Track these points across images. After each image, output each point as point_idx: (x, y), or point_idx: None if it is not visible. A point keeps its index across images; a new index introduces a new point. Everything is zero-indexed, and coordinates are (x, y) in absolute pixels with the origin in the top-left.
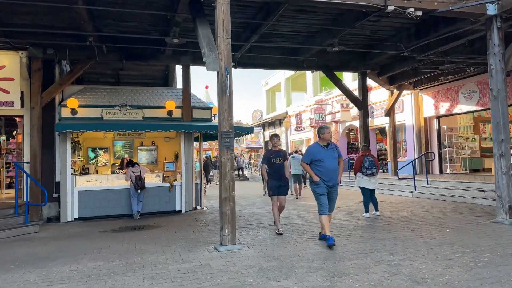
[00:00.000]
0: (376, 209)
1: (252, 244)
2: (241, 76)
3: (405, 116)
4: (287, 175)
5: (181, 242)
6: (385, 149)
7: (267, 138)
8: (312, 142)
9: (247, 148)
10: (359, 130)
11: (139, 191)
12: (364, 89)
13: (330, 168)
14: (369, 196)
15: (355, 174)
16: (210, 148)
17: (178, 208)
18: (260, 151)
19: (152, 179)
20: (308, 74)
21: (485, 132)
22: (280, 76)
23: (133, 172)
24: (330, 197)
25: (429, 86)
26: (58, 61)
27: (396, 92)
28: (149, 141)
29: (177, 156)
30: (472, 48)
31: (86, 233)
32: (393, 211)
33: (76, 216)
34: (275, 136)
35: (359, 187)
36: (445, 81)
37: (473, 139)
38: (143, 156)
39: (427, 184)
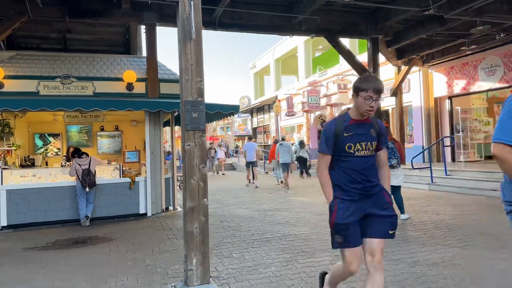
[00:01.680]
0: (402, 211)
1: (237, 278)
2: (226, 57)
3: (412, 97)
4: None
5: (127, 273)
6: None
7: (255, 125)
8: (304, 127)
9: (235, 136)
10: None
11: (87, 189)
12: (375, 60)
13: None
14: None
15: None
16: None
17: (142, 211)
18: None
19: (107, 174)
20: (300, 54)
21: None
22: (269, 57)
23: (79, 165)
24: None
25: (441, 61)
26: None
27: (404, 68)
28: (111, 126)
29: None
30: (510, 6)
31: (2, 251)
32: (419, 212)
33: (4, 223)
34: None
35: None
36: (461, 55)
37: (487, 123)
38: (104, 144)
39: (446, 174)
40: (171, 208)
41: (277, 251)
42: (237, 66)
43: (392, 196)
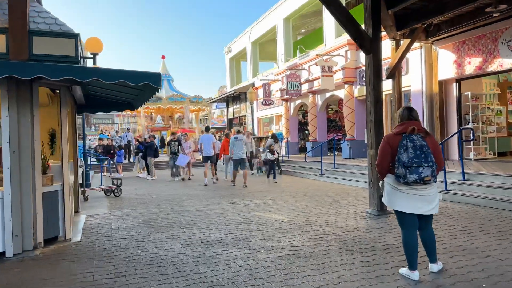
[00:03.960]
0: (433, 259)
1: None
2: (203, 42)
3: (411, 80)
4: None
5: None
6: None
7: (231, 116)
8: (283, 118)
9: (212, 127)
10: (367, 96)
11: None
12: (375, 14)
13: None
14: (414, 233)
15: None
16: (165, 128)
17: None
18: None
19: None
20: (279, 35)
21: None
22: (246, 40)
23: None
24: None
25: (450, 35)
26: None
27: (405, 41)
28: None
29: (53, 137)
30: None
31: None
32: (451, 250)
33: None
34: None
35: (394, 211)
36: (477, 25)
37: (498, 112)
38: None
39: (463, 179)
40: (61, 236)
41: None
42: (214, 53)
43: None
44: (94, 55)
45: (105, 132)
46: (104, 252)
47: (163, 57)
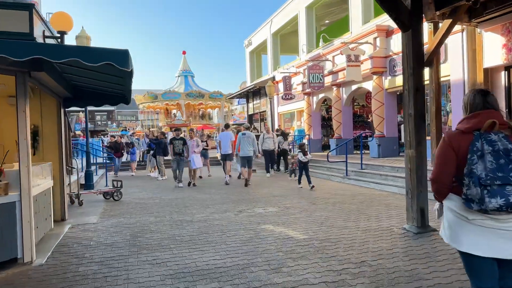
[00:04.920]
0: None
1: None
2: (226, 36)
3: (451, 69)
4: None
5: None
6: None
7: (251, 111)
8: (305, 114)
9: (234, 123)
10: (404, 84)
11: None
12: None
13: None
14: None
15: None
16: (185, 125)
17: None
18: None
19: None
20: (301, 23)
21: None
22: (266, 31)
23: None
24: None
25: (499, 14)
26: None
27: (445, 23)
28: None
29: (35, 135)
30: None
31: None
32: None
33: None
34: None
35: (460, 252)
36: None
37: None
38: None
39: None
40: (20, 259)
41: None
42: (235, 48)
43: None
44: (62, 34)
45: (128, 129)
46: (62, 284)
47: (183, 53)
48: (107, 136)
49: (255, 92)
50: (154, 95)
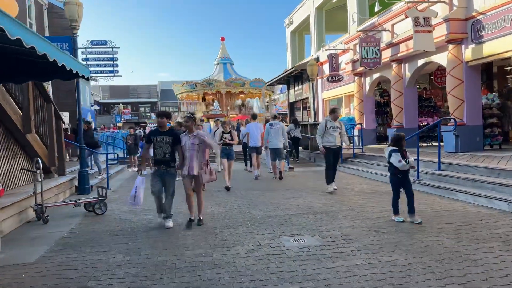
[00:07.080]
0: None
1: None
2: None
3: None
4: None
5: None
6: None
7: (292, 99)
8: (355, 99)
9: (276, 113)
10: None
11: None
12: None
13: None
14: None
15: None
16: (223, 115)
17: None
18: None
19: None
20: None
21: None
22: (309, 6)
23: None
24: None
25: None
26: None
27: None
28: None
29: None
30: None
31: None
32: None
33: None
34: None
35: None
36: None
37: None
38: None
39: None
40: None
41: None
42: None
43: None
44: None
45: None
46: None
47: (222, 39)
48: (147, 128)
49: (297, 77)
50: (193, 84)
